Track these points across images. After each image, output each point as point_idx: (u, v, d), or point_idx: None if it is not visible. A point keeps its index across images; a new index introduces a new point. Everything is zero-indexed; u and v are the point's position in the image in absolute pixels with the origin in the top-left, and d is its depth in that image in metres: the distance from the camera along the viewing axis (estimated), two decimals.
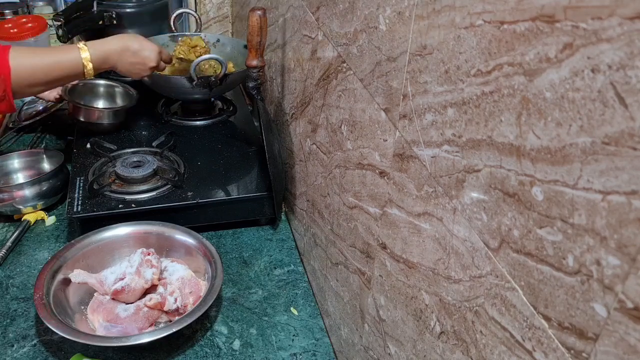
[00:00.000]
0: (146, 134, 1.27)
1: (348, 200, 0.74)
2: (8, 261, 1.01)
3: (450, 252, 0.48)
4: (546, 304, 0.36)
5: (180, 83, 1.22)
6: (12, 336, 0.86)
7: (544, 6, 0.34)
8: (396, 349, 0.62)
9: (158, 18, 1.52)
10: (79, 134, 1.25)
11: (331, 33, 0.76)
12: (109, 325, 0.85)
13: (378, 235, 0.64)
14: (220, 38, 1.45)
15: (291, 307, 0.95)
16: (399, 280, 0.59)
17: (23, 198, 1.08)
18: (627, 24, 0.28)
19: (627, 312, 0.29)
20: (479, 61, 0.41)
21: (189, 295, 0.89)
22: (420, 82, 0.50)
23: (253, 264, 1.04)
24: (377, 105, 0.61)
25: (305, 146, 0.96)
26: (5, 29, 1.49)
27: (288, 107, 1.08)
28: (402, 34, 0.54)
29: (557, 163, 0.34)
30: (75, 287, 0.90)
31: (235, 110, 1.38)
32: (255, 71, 1.03)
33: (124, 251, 0.96)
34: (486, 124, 0.41)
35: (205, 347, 0.86)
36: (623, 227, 0.29)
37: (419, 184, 0.52)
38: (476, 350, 0.45)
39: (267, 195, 1.08)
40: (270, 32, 1.16)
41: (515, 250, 0.39)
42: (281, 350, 0.87)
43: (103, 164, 1.14)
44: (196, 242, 0.96)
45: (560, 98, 0.33)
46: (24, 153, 1.23)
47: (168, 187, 1.07)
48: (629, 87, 0.28)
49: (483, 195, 0.42)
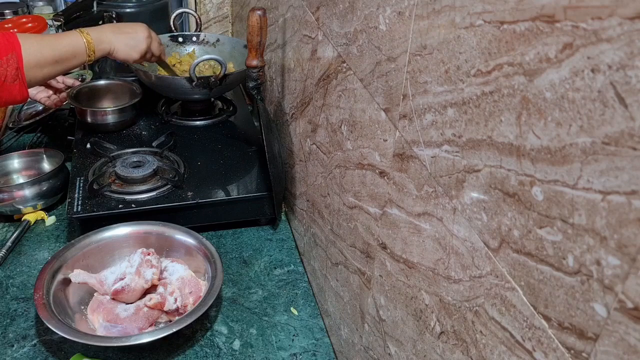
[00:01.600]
0: (146, 134, 1.27)
1: (348, 200, 0.74)
2: (8, 261, 1.01)
3: (450, 252, 0.48)
4: (546, 304, 0.36)
5: (180, 83, 1.22)
6: (12, 336, 0.86)
7: (544, 6, 0.34)
8: (396, 349, 0.62)
9: (158, 18, 1.52)
10: (78, 134, 1.25)
11: (331, 33, 0.76)
12: (109, 325, 0.85)
13: (378, 235, 0.64)
14: (220, 38, 1.45)
15: (291, 307, 0.95)
16: (399, 280, 0.59)
17: (23, 198, 1.08)
18: (627, 24, 0.28)
19: (627, 312, 0.29)
20: (479, 61, 0.41)
21: (189, 295, 0.89)
22: (420, 82, 0.50)
23: (253, 264, 1.04)
24: (377, 105, 0.61)
25: (305, 146, 0.96)
26: (5, 29, 1.49)
27: (288, 107, 1.08)
28: (402, 34, 0.54)
29: (557, 163, 0.34)
30: (75, 287, 0.90)
31: (235, 110, 1.38)
32: (255, 71, 1.03)
33: (124, 251, 0.96)
34: (486, 124, 0.41)
35: (205, 347, 0.86)
36: (623, 227, 0.29)
37: (419, 184, 0.52)
38: (476, 350, 0.45)
39: (267, 195, 1.08)
40: (270, 32, 1.16)
41: (515, 250, 0.39)
42: (281, 350, 0.87)
43: (103, 164, 1.14)
44: (196, 242, 0.96)
45: (560, 98, 0.33)
46: (24, 153, 1.23)
47: (168, 187, 1.07)
48: (629, 87, 0.28)
49: (483, 195, 0.42)
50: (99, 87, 1.35)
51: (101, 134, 1.24)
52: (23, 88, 0.97)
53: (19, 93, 0.97)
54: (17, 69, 0.94)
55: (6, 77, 0.93)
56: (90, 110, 1.25)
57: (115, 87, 1.36)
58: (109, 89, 1.36)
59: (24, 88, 0.97)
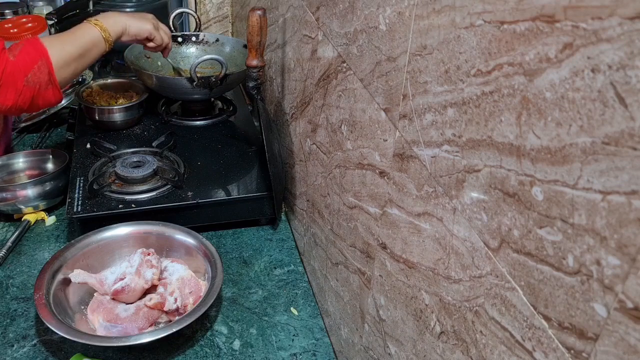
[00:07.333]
0: (146, 134, 1.27)
1: (348, 200, 0.74)
2: (8, 261, 1.01)
3: (450, 252, 0.48)
4: (546, 304, 0.36)
5: (181, 83, 1.22)
6: (12, 336, 0.86)
7: (544, 6, 0.34)
8: (396, 349, 0.62)
9: (157, 18, 1.52)
10: (79, 134, 1.25)
11: (331, 33, 0.76)
12: (109, 325, 0.85)
13: (378, 235, 0.64)
14: (220, 38, 1.45)
15: (291, 307, 0.95)
16: (399, 280, 0.59)
17: (25, 198, 1.08)
18: (627, 24, 0.28)
19: (627, 312, 0.29)
20: (479, 61, 0.41)
21: (189, 295, 0.89)
22: (420, 82, 0.50)
23: (253, 264, 1.04)
24: (377, 105, 0.61)
25: (305, 146, 0.96)
26: (5, 29, 1.49)
27: (288, 107, 1.08)
28: (402, 34, 0.54)
29: (557, 163, 0.34)
30: (75, 287, 0.90)
31: (235, 110, 1.38)
32: (255, 71, 1.03)
33: (124, 251, 0.96)
34: (486, 124, 0.41)
35: (205, 347, 0.86)
36: (623, 227, 0.29)
37: (419, 184, 0.52)
38: (476, 350, 0.45)
39: (267, 195, 1.08)
40: (270, 32, 1.16)
41: (515, 250, 0.39)
42: (281, 350, 0.87)
43: (103, 164, 1.14)
44: (196, 242, 0.96)
45: (560, 98, 0.33)
46: (30, 153, 1.23)
47: (168, 187, 1.07)
48: (629, 87, 0.28)
49: (483, 195, 0.42)
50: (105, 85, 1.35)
51: (101, 134, 1.24)
52: (57, 91, 0.98)
53: (53, 96, 0.98)
54: (49, 73, 0.95)
55: (40, 84, 0.94)
56: (98, 109, 1.25)
57: (119, 85, 1.36)
58: (114, 87, 1.36)
59: (57, 91, 0.98)
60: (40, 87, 0.94)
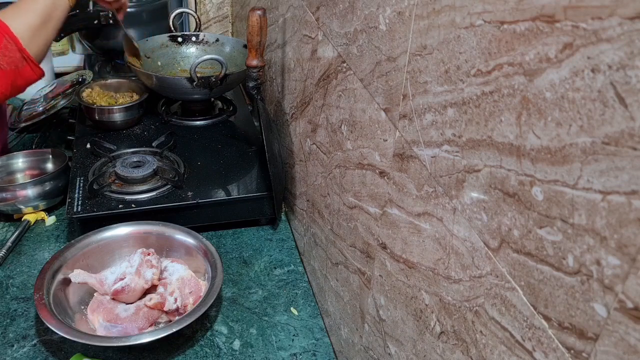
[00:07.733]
0: (146, 134, 1.27)
1: (348, 200, 0.74)
2: (8, 261, 1.01)
3: (450, 252, 0.48)
4: (546, 304, 0.36)
5: (181, 83, 1.22)
6: (12, 336, 0.86)
7: (544, 6, 0.34)
8: (396, 349, 0.62)
9: (157, 18, 1.52)
10: (79, 134, 1.25)
11: (331, 33, 0.76)
12: (109, 325, 0.85)
13: (378, 235, 0.64)
14: (220, 38, 1.45)
15: (291, 307, 0.95)
16: (399, 280, 0.59)
17: (25, 198, 1.08)
18: (627, 24, 0.28)
19: (627, 312, 0.29)
20: (479, 61, 0.41)
21: (189, 295, 0.89)
22: (420, 82, 0.50)
23: (253, 264, 1.04)
24: (377, 105, 0.61)
25: (305, 146, 0.96)
26: None
27: (288, 107, 1.08)
28: (402, 34, 0.54)
29: (557, 163, 0.34)
30: (75, 287, 0.90)
31: (235, 110, 1.38)
32: (255, 71, 1.03)
33: (124, 251, 0.96)
34: (486, 124, 0.41)
35: (205, 347, 0.86)
36: (623, 227, 0.29)
37: (419, 184, 0.52)
38: (476, 350, 0.45)
39: (267, 195, 1.08)
40: (270, 32, 1.16)
41: (515, 250, 0.39)
42: (281, 350, 0.87)
43: (103, 164, 1.14)
44: (196, 242, 0.96)
45: (560, 98, 0.33)
46: (30, 153, 1.23)
47: (168, 187, 1.07)
48: (629, 87, 0.28)
49: (483, 195, 0.42)
50: (105, 85, 1.35)
51: (101, 134, 1.24)
52: (34, 66, 0.93)
53: (32, 73, 0.93)
54: (19, 50, 0.90)
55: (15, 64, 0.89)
56: (98, 109, 1.25)
57: (119, 85, 1.36)
58: (114, 87, 1.36)
59: (35, 65, 0.93)
60: (16, 67, 0.89)
